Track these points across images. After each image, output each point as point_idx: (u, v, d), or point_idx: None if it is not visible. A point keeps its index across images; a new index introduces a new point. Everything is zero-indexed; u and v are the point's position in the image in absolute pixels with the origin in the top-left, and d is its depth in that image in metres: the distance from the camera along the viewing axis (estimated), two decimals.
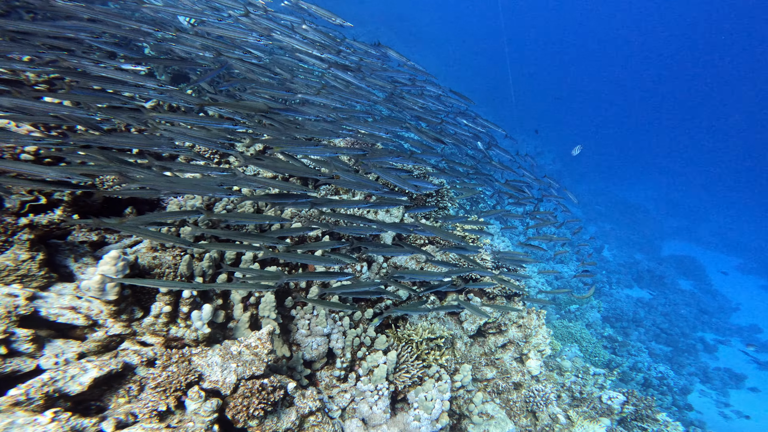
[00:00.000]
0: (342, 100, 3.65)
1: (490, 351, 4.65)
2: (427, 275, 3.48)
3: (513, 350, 4.76)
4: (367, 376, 3.35)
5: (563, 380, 6.09)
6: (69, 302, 2.38)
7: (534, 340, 4.86)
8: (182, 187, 2.17)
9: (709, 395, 11.90)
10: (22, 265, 2.41)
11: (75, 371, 2.04)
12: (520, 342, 4.82)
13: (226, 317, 2.97)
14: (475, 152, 4.89)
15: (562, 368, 6.85)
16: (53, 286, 2.56)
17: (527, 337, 4.80)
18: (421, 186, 3.53)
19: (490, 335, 4.68)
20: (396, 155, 3.44)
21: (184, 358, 2.30)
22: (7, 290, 2.21)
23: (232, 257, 2.96)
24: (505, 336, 4.68)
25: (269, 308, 2.98)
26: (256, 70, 3.46)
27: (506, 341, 4.70)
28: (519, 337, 4.77)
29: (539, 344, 4.87)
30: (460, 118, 4.71)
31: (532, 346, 4.85)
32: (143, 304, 2.59)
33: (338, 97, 3.64)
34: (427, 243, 4.53)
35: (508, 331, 4.67)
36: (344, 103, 3.65)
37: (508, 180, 4.67)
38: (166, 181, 2.06)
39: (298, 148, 2.88)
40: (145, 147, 2.33)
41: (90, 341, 2.34)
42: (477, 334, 4.64)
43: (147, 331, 2.53)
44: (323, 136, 3.37)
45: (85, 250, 2.90)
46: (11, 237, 2.46)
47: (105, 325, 2.43)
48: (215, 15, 3.48)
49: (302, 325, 3.27)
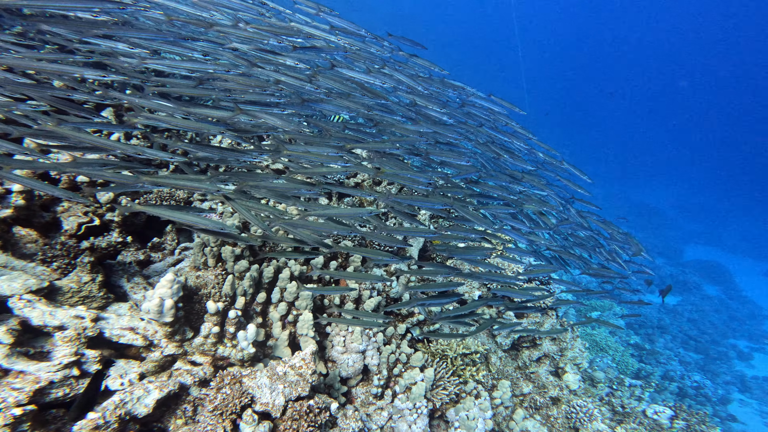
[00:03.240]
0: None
1: (524, 365, 4.54)
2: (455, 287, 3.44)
3: (548, 364, 4.64)
4: (405, 394, 3.31)
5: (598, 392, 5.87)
6: (128, 323, 2.46)
7: (570, 354, 4.73)
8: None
9: (749, 405, 11.24)
10: (84, 287, 2.52)
11: (140, 392, 2.10)
12: (555, 355, 4.70)
13: (266, 335, 3.00)
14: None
15: (594, 379, 6.60)
16: (110, 306, 2.66)
17: (562, 350, 4.68)
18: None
19: (524, 349, 4.58)
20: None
21: (236, 380, 2.33)
22: (75, 312, 2.31)
23: (269, 276, 3.01)
24: (539, 350, 4.58)
25: (307, 326, 3.00)
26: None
27: (541, 355, 4.59)
28: (554, 350, 4.66)
29: (575, 357, 4.74)
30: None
31: (569, 360, 4.72)
32: (193, 324, 2.65)
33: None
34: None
35: (542, 344, 4.57)
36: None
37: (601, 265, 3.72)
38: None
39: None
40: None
41: (148, 361, 2.40)
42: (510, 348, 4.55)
43: (197, 351, 2.58)
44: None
45: (135, 270, 3.00)
46: (74, 260, 2.59)
47: (159, 345, 2.49)
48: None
49: (337, 342, 3.28)
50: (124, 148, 2.07)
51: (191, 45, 2.62)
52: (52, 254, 2.69)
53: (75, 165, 2.05)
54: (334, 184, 3.74)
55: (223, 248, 2.85)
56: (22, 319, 2.28)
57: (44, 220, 3.14)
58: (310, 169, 2.53)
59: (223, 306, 2.61)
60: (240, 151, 2.31)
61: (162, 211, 1.98)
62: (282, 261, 2.99)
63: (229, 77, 2.59)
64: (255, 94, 2.64)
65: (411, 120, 3.29)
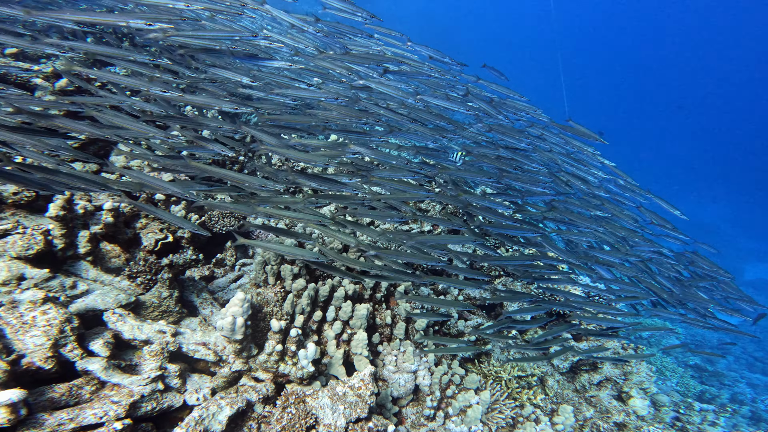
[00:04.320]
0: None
1: (583, 388, 4.22)
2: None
3: (610, 388, 4.27)
4: (459, 417, 3.22)
5: (662, 416, 5.31)
6: (201, 338, 2.65)
7: (635, 378, 4.32)
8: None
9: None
10: (164, 302, 2.75)
11: (214, 408, 2.25)
12: (618, 379, 4.31)
13: (321, 353, 3.07)
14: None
15: (657, 403, 6.00)
16: (183, 321, 2.88)
17: (627, 374, 4.29)
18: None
19: (582, 372, 4.26)
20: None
21: (300, 399, 2.40)
22: (158, 327, 2.52)
23: (325, 294, 3.07)
24: (600, 373, 4.22)
25: (362, 346, 3.02)
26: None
27: (602, 378, 4.23)
28: (617, 374, 4.28)
29: (642, 382, 4.33)
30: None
31: (634, 384, 4.32)
32: (257, 341, 2.78)
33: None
34: (502, 274, 4.31)
35: (603, 367, 4.21)
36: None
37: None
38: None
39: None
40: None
41: (218, 377, 2.56)
42: (567, 371, 4.25)
43: (260, 368, 2.71)
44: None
45: (203, 285, 3.23)
46: (155, 275, 2.83)
47: (228, 361, 2.65)
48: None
49: (389, 361, 3.26)
50: (251, 181, 2.23)
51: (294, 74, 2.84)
52: (137, 270, 2.97)
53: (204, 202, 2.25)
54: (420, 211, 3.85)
55: (282, 267, 2.96)
56: (114, 333, 2.54)
57: (127, 236, 3.48)
58: (392, 195, 2.59)
59: (285, 324, 2.71)
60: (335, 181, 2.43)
61: (269, 245, 2.13)
62: (336, 280, 3.04)
63: (331, 106, 2.76)
64: (353, 123, 2.79)
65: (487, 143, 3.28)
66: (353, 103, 2.79)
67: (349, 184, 2.42)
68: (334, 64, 2.92)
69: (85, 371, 2.28)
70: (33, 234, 2.85)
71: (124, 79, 2.54)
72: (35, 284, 2.65)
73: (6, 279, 2.62)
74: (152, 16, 2.21)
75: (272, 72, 2.87)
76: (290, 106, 2.81)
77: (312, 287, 2.92)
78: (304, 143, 2.55)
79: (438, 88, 3.34)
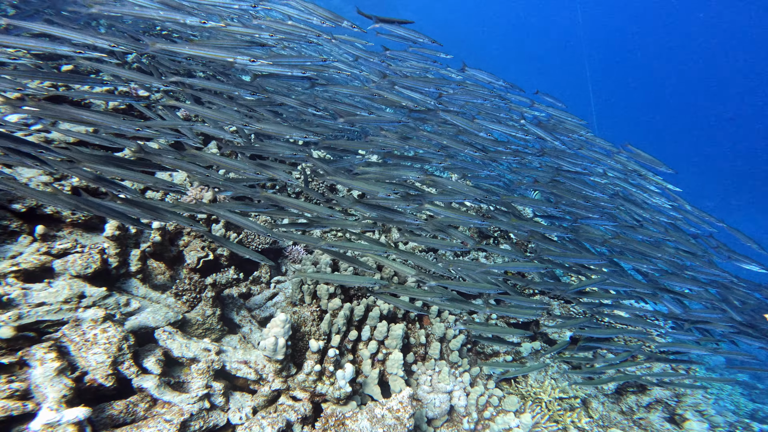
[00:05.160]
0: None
1: (630, 410, 3.94)
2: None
3: (662, 410, 3.96)
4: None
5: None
6: (242, 356, 2.74)
7: (689, 399, 3.99)
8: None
9: None
10: (207, 320, 2.87)
11: (257, 429, 2.31)
12: (670, 401, 4.00)
13: (356, 372, 3.08)
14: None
15: (711, 423, 5.52)
16: (224, 338, 2.99)
17: (680, 396, 3.97)
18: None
19: (629, 394, 3.99)
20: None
21: (340, 421, 2.41)
22: (203, 345, 2.63)
23: (360, 314, 3.07)
24: (649, 395, 3.93)
25: (397, 366, 3.00)
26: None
27: (651, 400, 3.94)
28: (667, 395, 3.97)
29: (698, 404, 3.99)
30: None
31: (689, 406, 3.99)
32: (295, 360, 2.83)
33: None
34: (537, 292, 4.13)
35: (652, 389, 3.92)
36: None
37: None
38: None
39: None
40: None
41: (259, 396, 2.63)
42: (613, 392, 4.00)
43: (298, 387, 2.75)
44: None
45: (241, 303, 3.34)
46: (200, 294, 2.96)
47: (268, 380, 2.72)
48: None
49: (424, 381, 3.21)
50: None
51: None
52: (182, 288, 3.12)
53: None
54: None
55: (318, 286, 3.00)
56: (165, 350, 2.67)
57: (172, 254, 3.68)
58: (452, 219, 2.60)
59: (323, 344, 2.73)
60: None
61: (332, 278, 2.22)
62: (371, 299, 3.03)
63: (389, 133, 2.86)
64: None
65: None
66: (412, 131, 2.88)
67: (406, 212, 2.45)
68: (394, 91, 3.03)
69: (140, 388, 2.41)
70: (91, 253, 3.06)
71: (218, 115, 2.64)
72: (94, 302, 2.85)
73: (68, 297, 2.82)
74: (257, 54, 2.35)
75: (334, 99, 3.00)
76: (353, 132, 2.96)
77: (347, 307, 2.93)
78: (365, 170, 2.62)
79: (494, 112, 3.39)
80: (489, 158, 3.15)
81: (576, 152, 3.32)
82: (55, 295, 2.71)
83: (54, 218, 3.24)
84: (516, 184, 3.38)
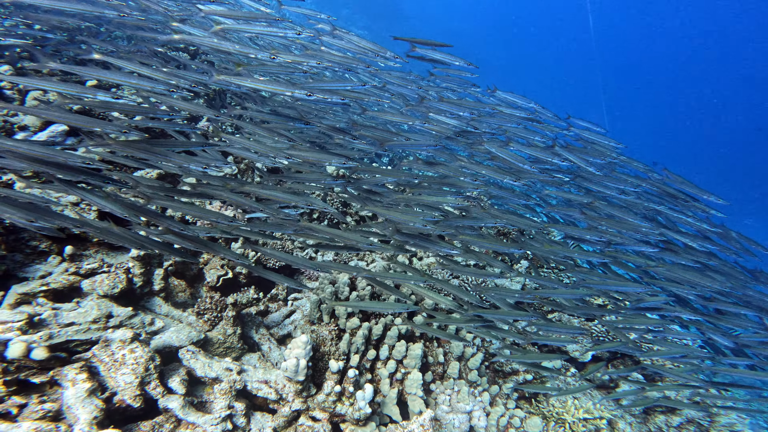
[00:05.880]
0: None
1: (659, 431, 3.78)
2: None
3: (693, 431, 3.79)
4: None
5: None
6: (262, 375, 2.76)
7: (724, 419, 3.81)
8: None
9: None
10: (228, 339, 2.91)
11: None
12: (702, 421, 3.82)
13: (374, 391, 3.06)
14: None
15: None
16: (244, 356, 3.02)
17: (713, 415, 3.79)
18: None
19: (657, 414, 3.83)
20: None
21: None
22: (225, 364, 2.67)
23: (378, 333, 3.07)
24: (680, 414, 3.77)
25: (416, 386, 2.97)
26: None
27: (683, 420, 3.78)
28: (700, 415, 3.80)
29: (734, 424, 3.80)
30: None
31: (723, 426, 3.81)
32: (315, 380, 2.84)
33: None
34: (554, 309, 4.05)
35: (683, 409, 3.76)
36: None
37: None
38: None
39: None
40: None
41: (279, 416, 2.64)
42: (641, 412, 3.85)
43: (317, 407, 2.75)
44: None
45: (260, 321, 3.38)
46: (221, 313, 3.02)
47: (287, 400, 2.73)
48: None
49: (443, 401, 3.17)
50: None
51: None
52: (204, 307, 3.19)
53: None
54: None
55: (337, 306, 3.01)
56: (188, 369, 2.72)
57: (192, 272, 3.77)
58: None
59: (342, 365, 2.74)
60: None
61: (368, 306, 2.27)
62: (389, 318, 3.03)
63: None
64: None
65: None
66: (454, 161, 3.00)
67: (442, 245, 2.50)
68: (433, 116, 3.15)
69: (166, 409, 2.46)
70: (117, 273, 3.15)
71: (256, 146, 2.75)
72: (120, 322, 2.93)
73: (96, 317, 2.91)
74: (313, 86, 2.52)
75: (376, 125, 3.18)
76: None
77: (366, 326, 2.94)
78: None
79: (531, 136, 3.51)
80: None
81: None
82: (84, 315, 2.80)
83: (80, 238, 3.36)
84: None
